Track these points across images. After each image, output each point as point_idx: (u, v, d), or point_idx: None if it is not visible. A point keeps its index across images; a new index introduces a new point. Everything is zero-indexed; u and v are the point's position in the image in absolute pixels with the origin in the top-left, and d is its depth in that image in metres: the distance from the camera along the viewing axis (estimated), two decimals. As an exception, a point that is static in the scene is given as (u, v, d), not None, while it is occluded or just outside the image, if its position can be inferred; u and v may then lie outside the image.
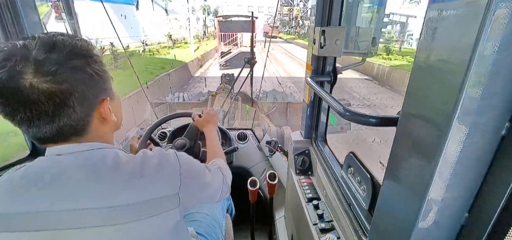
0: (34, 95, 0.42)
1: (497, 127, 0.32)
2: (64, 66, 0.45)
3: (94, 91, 0.51)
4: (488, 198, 0.35)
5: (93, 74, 0.50)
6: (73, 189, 0.48)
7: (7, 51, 0.43)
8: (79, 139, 0.52)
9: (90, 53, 0.50)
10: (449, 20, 0.33)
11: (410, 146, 0.42)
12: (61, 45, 0.46)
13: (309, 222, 0.99)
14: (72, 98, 0.46)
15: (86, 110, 0.50)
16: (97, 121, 0.54)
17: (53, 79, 0.43)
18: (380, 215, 0.52)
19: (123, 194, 0.49)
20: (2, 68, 0.41)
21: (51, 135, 0.48)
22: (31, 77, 0.42)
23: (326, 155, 1.10)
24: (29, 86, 0.42)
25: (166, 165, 0.57)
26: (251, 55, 1.63)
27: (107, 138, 0.57)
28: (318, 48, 0.96)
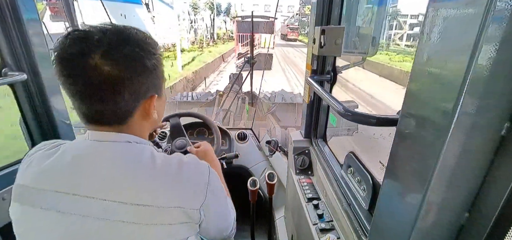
0: (95, 74, 0.46)
1: (497, 127, 0.32)
2: (128, 56, 0.49)
3: (146, 86, 0.53)
4: (488, 198, 0.35)
5: (150, 69, 0.53)
6: (106, 180, 0.49)
7: (86, 31, 0.48)
8: (121, 127, 0.54)
9: (155, 51, 0.54)
10: (449, 20, 0.33)
11: (410, 146, 0.42)
12: (132, 38, 0.50)
13: (309, 222, 0.99)
14: (126, 86, 0.49)
15: (134, 101, 0.52)
16: (140, 114, 0.56)
17: (115, 65, 0.47)
18: (380, 215, 0.52)
19: (152, 194, 0.50)
20: (78, 43, 0.46)
21: (97, 116, 0.51)
22: (98, 58, 0.46)
23: (326, 155, 1.10)
24: (94, 66, 0.46)
25: (198, 178, 0.57)
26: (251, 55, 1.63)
27: (144, 133, 0.59)
28: (318, 48, 0.95)
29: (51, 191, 0.49)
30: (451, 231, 0.40)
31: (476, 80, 0.30)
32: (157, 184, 0.51)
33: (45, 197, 0.49)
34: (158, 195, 0.50)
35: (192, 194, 0.54)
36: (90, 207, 0.48)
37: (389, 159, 0.47)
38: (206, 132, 1.84)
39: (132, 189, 0.49)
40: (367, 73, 12.86)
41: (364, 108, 7.55)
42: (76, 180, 0.49)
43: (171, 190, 0.52)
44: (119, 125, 0.54)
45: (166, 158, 0.56)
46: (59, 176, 0.50)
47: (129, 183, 0.50)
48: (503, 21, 0.28)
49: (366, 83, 10.69)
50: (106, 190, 0.49)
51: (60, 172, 0.50)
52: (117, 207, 0.48)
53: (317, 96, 1.14)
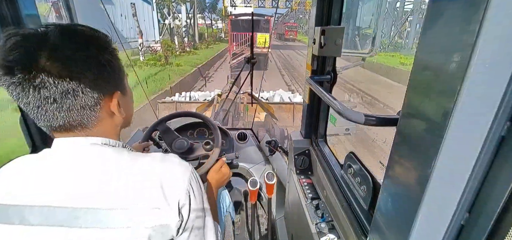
0: (44, 78, 0.43)
1: (497, 127, 0.32)
2: (78, 54, 0.46)
3: (105, 83, 0.51)
4: (488, 198, 0.35)
5: (106, 66, 0.50)
6: (72, 186, 0.48)
7: (26, 34, 0.44)
8: (87, 131, 0.51)
9: (107, 46, 0.51)
10: (448, 19, 0.33)
11: (410, 146, 0.42)
12: (80, 35, 0.48)
13: (309, 222, 0.99)
14: (82, 86, 0.46)
15: (94, 101, 0.49)
16: (105, 114, 0.53)
17: (65, 65, 0.44)
18: (380, 215, 0.52)
19: (122, 196, 0.48)
20: (18, 48, 0.42)
21: (58, 123, 0.48)
22: (45, 60, 0.43)
23: (326, 155, 1.10)
24: (41, 69, 0.43)
25: (176, 177, 0.54)
26: (251, 55, 1.63)
27: (113, 134, 0.56)
28: (318, 48, 0.95)
29: (20, 206, 0.46)
30: (451, 231, 0.40)
31: (476, 80, 0.30)
32: (126, 184, 0.49)
33: (13, 212, 0.46)
34: (127, 197, 0.48)
35: (169, 194, 0.51)
36: (59, 217, 0.46)
37: (389, 159, 0.47)
38: (206, 132, 1.85)
39: (100, 193, 0.47)
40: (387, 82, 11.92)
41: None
42: (45, 190, 0.47)
43: (143, 190, 0.49)
44: (83, 128, 0.51)
45: (139, 157, 0.53)
46: (26, 190, 0.47)
47: (97, 187, 0.48)
48: (502, 20, 0.28)
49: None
50: (74, 197, 0.47)
51: (27, 185, 0.48)
52: (86, 213, 0.46)
53: (317, 96, 1.14)
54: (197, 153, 1.40)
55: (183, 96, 6.96)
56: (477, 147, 0.34)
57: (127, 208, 0.47)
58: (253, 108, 4.55)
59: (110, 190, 0.48)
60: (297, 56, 22.89)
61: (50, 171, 0.49)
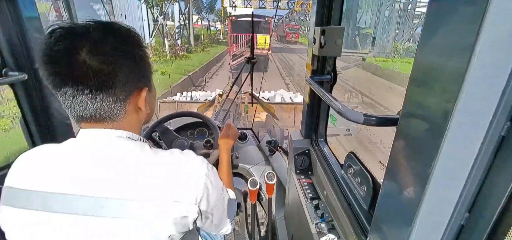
0: (84, 70, 0.46)
1: (497, 127, 0.32)
2: (115, 49, 0.48)
3: (136, 79, 0.53)
4: (488, 198, 0.35)
5: (138, 62, 0.53)
6: (98, 177, 0.49)
7: (69, 28, 0.47)
8: (113, 123, 0.53)
9: (140, 43, 0.54)
10: (449, 19, 0.33)
11: (410, 146, 0.42)
12: (117, 31, 0.50)
13: (309, 222, 0.99)
14: (116, 80, 0.49)
15: (126, 94, 0.52)
16: (132, 108, 0.55)
17: (103, 59, 0.47)
18: (380, 215, 0.52)
19: (144, 188, 0.50)
20: (63, 40, 0.45)
21: (90, 113, 0.50)
22: (86, 53, 0.45)
23: (326, 155, 1.10)
24: (82, 61, 0.45)
25: (194, 171, 0.56)
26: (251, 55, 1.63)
27: (136, 128, 0.59)
28: (318, 48, 0.95)
29: (43, 192, 0.48)
30: (451, 231, 0.40)
31: (476, 80, 0.30)
32: (149, 178, 0.51)
33: (36, 197, 0.48)
34: (151, 189, 0.50)
35: (188, 188, 0.54)
36: (82, 205, 0.48)
37: (389, 159, 0.47)
38: (206, 132, 1.85)
39: (125, 184, 0.49)
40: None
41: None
42: (67, 178, 0.49)
43: (165, 184, 0.51)
44: (111, 121, 0.53)
45: (159, 152, 0.56)
46: (52, 176, 0.49)
47: (119, 179, 0.50)
48: (502, 20, 0.28)
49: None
50: (99, 187, 0.49)
51: (53, 172, 0.50)
52: (111, 203, 0.48)
53: (317, 96, 1.14)
54: (197, 152, 1.40)
55: (184, 96, 6.96)
56: (477, 147, 0.34)
57: (151, 200, 0.49)
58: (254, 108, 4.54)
59: (134, 182, 0.50)
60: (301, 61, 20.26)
61: (75, 160, 0.51)
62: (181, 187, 0.53)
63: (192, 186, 0.54)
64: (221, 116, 3.31)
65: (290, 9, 30.64)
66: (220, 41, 34.19)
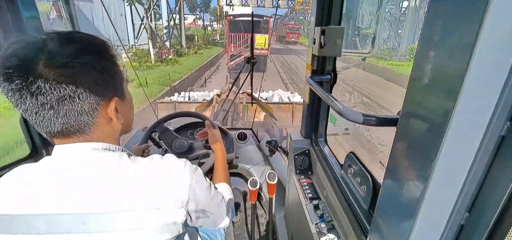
0: (41, 84, 0.44)
1: (497, 127, 0.32)
2: (75, 60, 0.46)
3: (102, 89, 0.51)
4: (488, 198, 0.35)
5: (103, 72, 0.50)
6: (77, 192, 0.48)
7: (26, 41, 0.45)
8: (85, 137, 0.52)
9: (105, 52, 0.52)
10: (448, 19, 0.33)
11: (410, 146, 0.42)
12: (77, 41, 0.48)
13: (309, 222, 0.99)
14: (78, 92, 0.47)
15: (91, 107, 0.50)
16: (103, 120, 0.53)
17: (62, 71, 0.45)
18: (380, 215, 0.52)
19: (126, 198, 0.49)
20: (17, 55, 0.44)
21: (56, 129, 0.48)
22: (42, 67, 0.44)
23: (326, 155, 1.10)
24: (39, 75, 0.43)
25: (177, 175, 0.55)
26: (251, 55, 1.63)
27: (112, 139, 0.57)
28: (318, 48, 0.95)
29: (22, 215, 0.46)
30: (451, 231, 0.40)
31: (476, 80, 0.30)
32: (129, 188, 0.49)
33: (15, 221, 0.46)
34: (132, 199, 0.49)
35: (172, 193, 0.52)
36: (64, 223, 0.46)
37: (389, 159, 0.47)
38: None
39: (103, 196, 0.48)
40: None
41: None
42: (46, 198, 0.47)
43: (146, 192, 0.50)
44: (82, 134, 0.51)
45: (139, 160, 0.54)
46: (32, 198, 0.47)
47: (100, 192, 0.48)
48: (502, 20, 0.28)
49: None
50: (80, 203, 0.47)
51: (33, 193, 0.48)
52: (93, 218, 0.47)
53: (317, 96, 1.14)
54: (197, 152, 1.40)
55: (182, 96, 6.95)
56: (477, 147, 0.34)
57: (133, 209, 0.48)
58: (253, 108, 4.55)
59: (114, 193, 0.49)
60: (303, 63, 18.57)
61: (53, 178, 0.49)
62: (164, 193, 0.52)
63: (175, 190, 0.53)
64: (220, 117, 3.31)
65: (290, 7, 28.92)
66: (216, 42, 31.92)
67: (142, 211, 0.49)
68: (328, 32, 0.92)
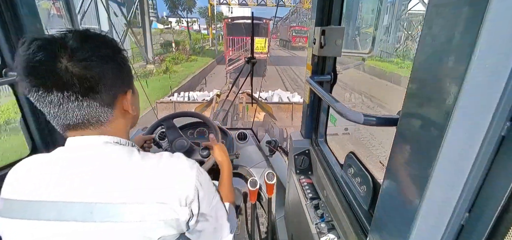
0: (67, 77, 0.46)
1: (497, 127, 0.32)
2: (95, 54, 0.48)
3: (120, 81, 0.54)
4: (488, 198, 0.35)
5: (120, 65, 0.53)
6: (87, 183, 0.50)
7: (46, 38, 0.47)
8: (100, 129, 0.54)
9: (117, 47, 0.54)
10: (448, 19, 0.33)
11: (410, 146, 0.42)
12: (94, 37, 0.51)
13: (309, 222, 0.99)
14: (101, 84, 0.49)
15: (111, 98, 0.53)
16: (118, 112, 0.56)
17: (85, 64, 0.47)
18: (380, 215, 0.52)
19: (134, 192, 0.50)
20: (42, 51, 0.45)
21: (76, 120, 0.50)
22: (67, 61, 0.46)
23: (326, 155, 1.10)
24: (65, 69, 0.46)
25: (184, 174, 0.56)
26: (251, 55, 1.63)
27: (124, 133, 0.59)
28: (318, 48, 0.96)
29: (32, 202, 0.49)
30: (451, 231, 0.40)
31: (476, 80, 0.30)
32: (137, 181, 0.51)
33: (30, 207, 0.49)
34: (139, 192, 0.50)
35: (177, 190, 0.54)
36: (72, 212, 0.48)
37: (389, 159, 0.47)
38: (206, 132, 1.85)
39: (113, 189, 0.50)
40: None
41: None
42: (57, 187, 0.49)
43: (153, 187, 0.52)
44: (98, 126, 0.53)
45: (148, 156, 0.56)
46: (44, 186, 0.50)
47: (110, 184, 0.50)
48: (502, 20, 0.28)
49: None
50: (88, 193, 0.49)
51: (45, 181, 0.50)
52: (100, 207, 0.48)
53: (317, 96, 1.14)
54: (197, 153, 1.40)
55: (181, 96, 6.94)
56: (477, 147, 0.34)
57: (139, 202, 0.50)
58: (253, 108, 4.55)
59: (123, 186, 0.50)
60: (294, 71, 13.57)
61: (64, 167, 0.51)
62: (170, 189, 0.53)
63: (181, 188, 0.54)
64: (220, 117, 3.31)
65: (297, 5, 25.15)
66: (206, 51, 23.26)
67: (148, 205, 0.50)
68: (328, 32, 0.92)
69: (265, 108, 5.09)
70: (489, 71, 0.30)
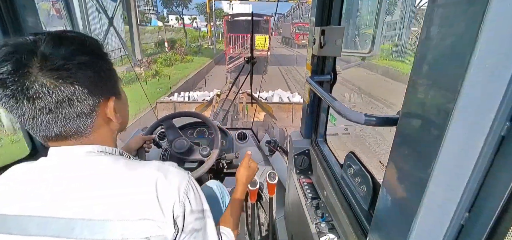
0: (38, 89, 0.42)
1: (497, 127, 0.32)
2: (70, 62, 0.44)
3: (100, 90, 0.50)
4: (488, 198, 0.35)
5: (99, 72, 0.49)
6: (68, 196, 0.47)
7: (15, 44, 0.43)
8: (83, 139, 0.51)
9: (98, 52, 0.50)
10: (448, 19, 0.33)
11: (410, 146, 0.42)
12: (70, 41, 0.46)
13: (309, 222, 0.99)
14: (77, 94, 0.46)
15: (90, 108, 0.49)
16: (101, 120, 0.52)
17: (58, 74, 0.43)
18: (380, 215, 0.52)
19: (116, 207, 0.47)
20: (8, 60, 0.41)
21: (54, 133, 0.47)
22: (37, 71, 0.42)
23: (326, 155, 1.10)
24: (34, 80, 0.42)
25: (171, 187, 0.52)
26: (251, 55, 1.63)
27: (109, 140, 0.56)
28: (318, 48, 0.95)
29: (16, 216, 0.46)
30: (451, 231, 0.40)
31: (476, 80, 0.30)
32: (121, 196, 0.48)
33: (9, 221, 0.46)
34: (122, 208, 0.47)
35: (162, 204, 0.49)
36: (54, 227, 0.46)
37: (389, 159, 0.47)
38: (206, 132, 1.85)
39: (96, 204, 0.47)
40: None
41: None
42: (40, 200, 0.47)
43: (137, 202, 0.48)
44: (80, 136, 0.50)
45: (134, 166, 0.52)
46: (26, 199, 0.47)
47: (92, 199, 0.47)
48: (502, 20, 0.28)
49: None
50: (70, 207, 0.47)
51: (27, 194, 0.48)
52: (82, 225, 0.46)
53: (317, 96, 1.14)
54: (196, 154, 1.40)
55: (181, 96, 6.95)
56: (477, 146, 0.34)
57: (121, 219, 0.47)
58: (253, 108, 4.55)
59: (105, 201, 0.48)
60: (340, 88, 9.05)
61: (46, 180, 0.49)
62: (154, 203, 0.49)
63: (166, 201, 0.50)
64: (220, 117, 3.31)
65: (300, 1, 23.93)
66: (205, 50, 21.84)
67: (131, 222, 0.47)
68: (328, 32, 0.92)
69: (266, 108, 5.09)
70: (489, 71, 0.30)
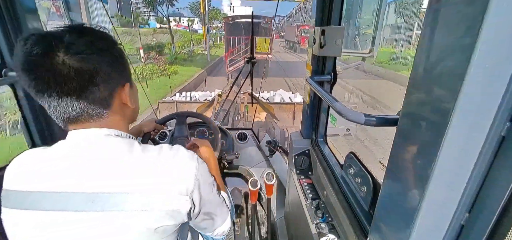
0: (65, 71, 0.47)
1: (497, 127, 0.32)
2: (92, 48, 0.49)
3: (117, 74, 0.54)
4: (488, 198, 0.35)
5: (117, 57, 0.54)
6: (89, 175, 0.50)
7: (43, 34, 0.48)
8: (101, 122, 0.55)
9: (113, 41, 0.55)
10: (449, 19, 0.33)
11: (410, 146, 0.42)
12: (89, 32, 0.52)
13: (309, 222, 0.99)
14: (98, 77, 0.50)
15: (109, 91, 0.53)
16: (117, 105, 0.57)
17: (82, 58, 0.48)
18: (380, 215, 0.52)
19: (135, 182, 0.51)
20: (38, 45, 0.46)
21: (76, 114, 0.51)
22: (63, 55, 0.47)
23: (326, 155, 1.10)
24: (62, 62, 0.46)
25: (184, 164, 0.57)
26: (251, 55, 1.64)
27: (123, 126, 0.60)
28: (318, 48, 0.95)
29: (37, 192, 0.49)
30: (451, 231, 0.40)
31: (476, 80, 0.30)
32: (138, 172, 0.52)
33: (28, 198, 0.50)
34: (139, 183, 0.51)
35: (178, 180, 0.55)
36: (73, 202, 0.49)
37: (389, 159, 0.47)
38: (206, 132, 1.85)
39: (114, 179, 0.51)
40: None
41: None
42: (59, 178, 0.50)
43: (154, 177, 0.53)
44: (98, 119, 0.54)
45: (149, 148, 0.57)
46: (45, 178, 0.50)
47: (111, 174, 0.51)
48: (502, 21, 0.28)
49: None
50: (89, 184, 0.50)
51: (46, 173, 0.51)
52: (101, 197, 0.49)
53: (317, 96, 1.14)
54: None
55: (183, 96, 6.97)
56: (477, 147, 0.34)
57: (141, 192, 0.51)
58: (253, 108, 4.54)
59: (124, 177, 0.51)
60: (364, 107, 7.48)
61: (66, 160, 0.52)
62: (170, 180, 0.54)
63: (182, 178, 0.55)
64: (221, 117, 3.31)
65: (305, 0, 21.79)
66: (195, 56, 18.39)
67: (150, 195, 0.51)
68: (328, 32, 0.92)
69: (267, 109, 5.09)
70: (489, 71, 0.30)
